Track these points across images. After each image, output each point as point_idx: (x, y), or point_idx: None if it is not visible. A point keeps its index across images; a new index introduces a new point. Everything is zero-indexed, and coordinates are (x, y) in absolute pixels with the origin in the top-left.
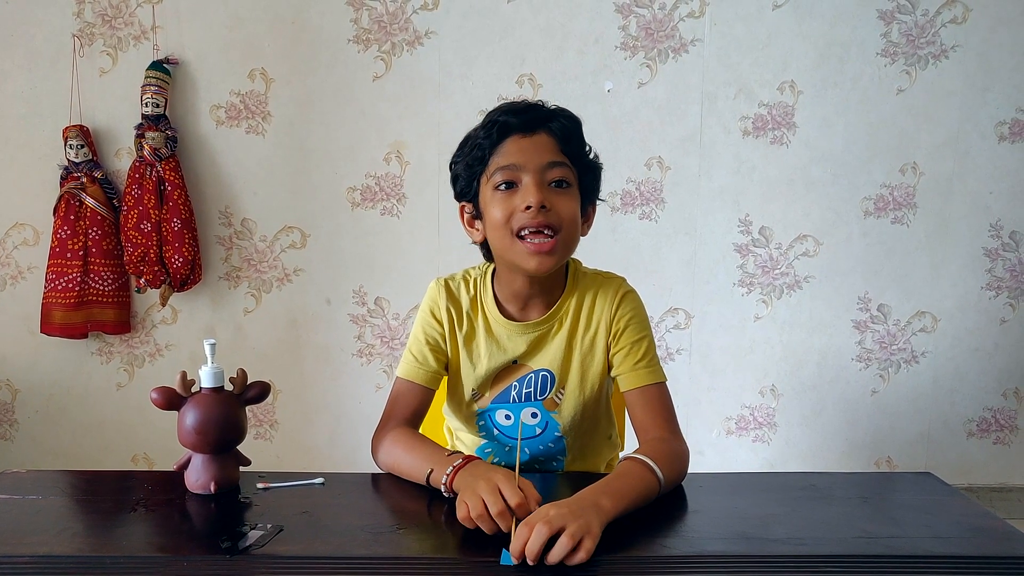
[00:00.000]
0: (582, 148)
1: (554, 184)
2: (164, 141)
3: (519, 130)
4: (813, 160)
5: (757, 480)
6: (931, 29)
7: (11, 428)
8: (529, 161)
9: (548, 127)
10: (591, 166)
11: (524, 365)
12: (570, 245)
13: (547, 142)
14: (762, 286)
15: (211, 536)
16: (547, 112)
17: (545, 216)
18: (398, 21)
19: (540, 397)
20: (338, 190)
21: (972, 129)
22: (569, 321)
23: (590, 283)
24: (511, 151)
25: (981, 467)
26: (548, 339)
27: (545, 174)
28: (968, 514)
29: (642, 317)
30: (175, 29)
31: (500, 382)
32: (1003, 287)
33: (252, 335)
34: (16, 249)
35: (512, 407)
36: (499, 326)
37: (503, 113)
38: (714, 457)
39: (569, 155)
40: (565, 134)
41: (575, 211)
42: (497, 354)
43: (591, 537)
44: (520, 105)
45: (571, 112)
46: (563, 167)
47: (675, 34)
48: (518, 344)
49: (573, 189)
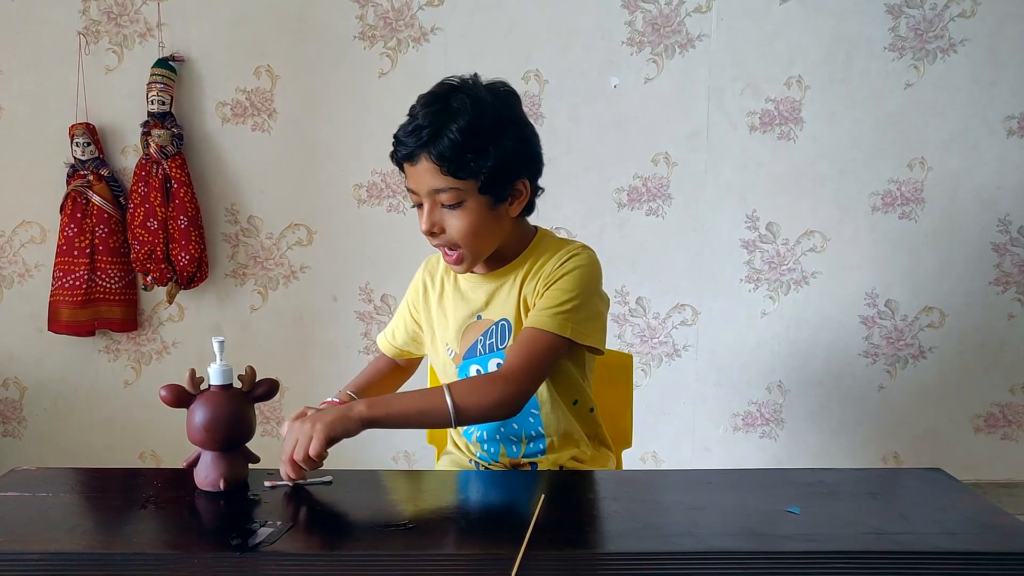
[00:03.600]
0: (472, 158)
1: (445, 206)
2: (170, 139)
3: (404, 160)
4: (820, 155)
5: (765, 476)
6: (939, 23)
7: (19, 425)
8: (419, 187)
9: (428, 152)
10: (491, 168)
11: (487, 320)
12: (479, 250)
13: (429, 169)
14: (769, 282)
15: (221, 533)
16: (428, 135)
17: (439, 239)
18: (404, 17)
19: (501, 346)
20: (344, 187)
21: (980, 124)
22: (523, 273)
23: (550, 244)
24: (408, 176)
25: (988, 463)
26: (504, 290)
27: (434, 198)
28: (978, 510)
29: (580, 276)
30: (180, 26)
31: (468, 338)
32: (1011, 282)
33: (259, 332)
34: (23, 247)
35: (480, 359)
36: (464, 280)
37: (396, 136)
38: (721, 454)
39: (455, 173)
40: (445, 157)
41: (470, 224)
42: (462, 306)
43: (315, 442)
44: (406, 128)
45: (462, 111)
46: (448, 191)
47: (681, 29)
48: (479, 295)
49: (467, 203)
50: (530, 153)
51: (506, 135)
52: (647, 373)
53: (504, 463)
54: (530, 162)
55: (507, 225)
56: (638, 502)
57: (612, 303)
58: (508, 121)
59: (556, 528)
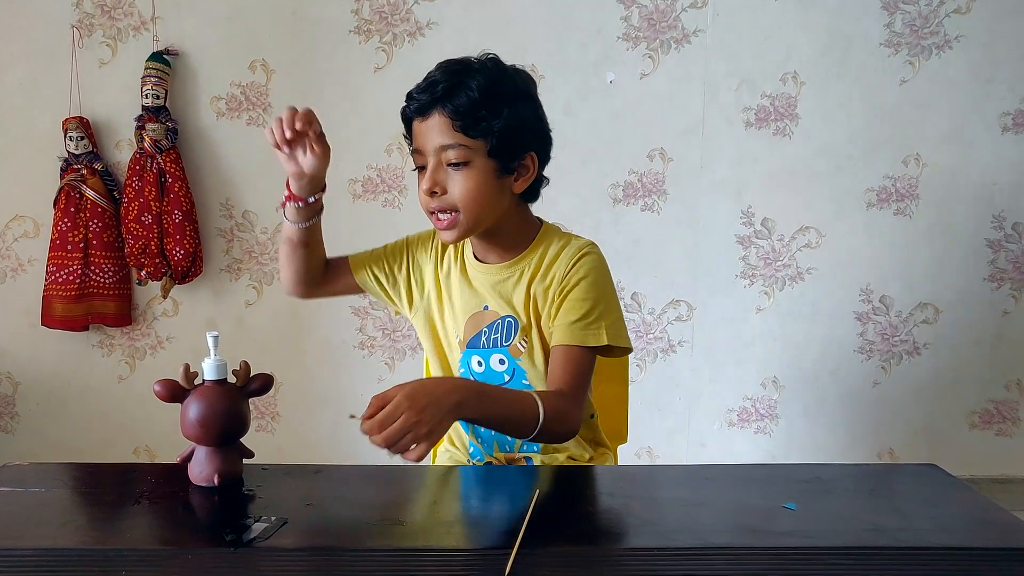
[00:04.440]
0: (487, 116)
1: (451, 165)
2: (164, 133)
3: (416, 114)
4: (816, 151)
5: (762, 472)
6: (935, 19)
7: (12, 421)
8: (425, 144)
9: (442, 106)
10: (503, 130)
11: (493, 311)
12: (477, 218)
13: (440, 123)
14: (764, 278)
15: (215, 529)
16: (444, 89)
17: (439, 201)
18: (399, 12)
19: (505, 343)
20: (339, 182)
21: (976, 120)
22: (531, 270)
23: (556, 239)
24: (415, 135)
25: (983, 459)
26: (513, 285)
27: (440, 156)
28: (973, 506)
29: (596, 279)
30: (175, 20)
31: (472, 328)
32: (1006, 278)
33: (253, 327)
34: (16, 241)
35: (482, 352)
36: (473, 268)
37: (409, 94)
38: (716, 449)
39: (467, 130)
40: (460, 111)
41: (474, 187)
42: (469, 295)
43: (427, 442)
44: (421, 85)
45: (483, 72)
46: (457, 148)
47: (677, 25)
48: (485, 284)
49: (474, 164)
50: (544, 130)
51: (522, 104)
52: (642, 369)
53: (499, 458)
54: (542, 138)
55: (509, 202)
56: (634, 498)
57: None
58: (525, 94)
59: (551, 524)
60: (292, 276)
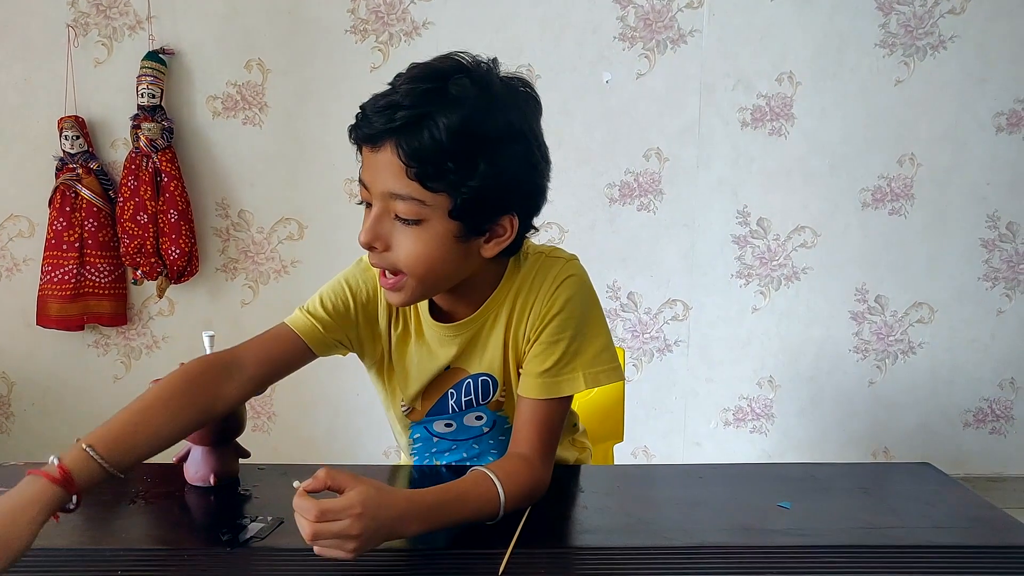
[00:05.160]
0: (453, 169)
1: (398, 217)
2: (160, 132)
3: (364, 142)
4: (811, 151)
5: (756, 471)
6: (929, 20)
7: (7, 421)
8: (372, 183)
9: (397, 142)
10: (473, 190)
11: (459, 369)
12: (426, 284)
13: (392, 164)
14: (760, 277)
15: (211, 529)
16: (403, 119)
17: (378, 258)
18: (395, 11)
19: (483, 402)
20: (335, 182)
21: (970, 120)
22: (505, 313)
23: (531, 267)
24: (364, 163)
25: (977, 457)
26: (482, 339)
27: (388, 204)
28: (966, 504)
29: (573, 310)
30: (170, 19)
31: (434, 391)
32: (1000, 278)
33: (249, 327)
34: (11, 241)
35: (454, 416)
36: (429, 328)
37: (364, 106)
38: (712, 448)
39: (424, 180)
40: (418, 156)
41: (425, 252)
42: (428, 361)
43: (346, 555)
44: (378, 102)
45: (460, 106)
46: (408, 201)
47: (673, 25)
48: (449, 348)
49: (429, 224)
50: (532, 186)
51: (508, 152)
52: (638, 368)
53: None
54: (528, 197)
55: (475, 264)
56: (629, 497)
57: (603, 298)
58: (517, 134)
59: (547, 523)
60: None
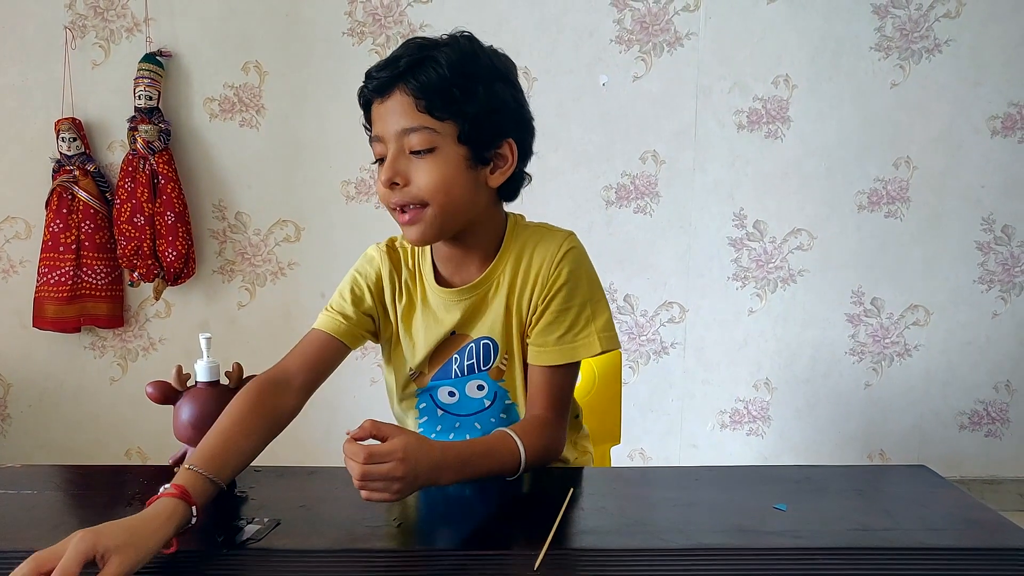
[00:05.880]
0: (458, 95)
1: (414, 152)
2: (157, 134)
3: (374, 94)
4: (807, 154)
5: (753, 473)
6: (924, 24)
7: (4, 423)
8: (385, 130)
9: (404, 83)
10: (476, 112)
11: (463, 335)
12: (447, 213)
13: (403, 104)
14: (756, 280)
15: (207, 530)
16: (408, 63)
17: (400, 194)
18: (392, 14)
19: (484, 368)
20: (332, 184)
21: (965, 123)
22: (507, 281)
23: (530, 236)
24: (374, 120)
25: (973, 460)
26: (486, 304)
27: (402, 142)
28: (961, 506)
29: (579, 280)
30: (168, 21)
31: (439, 357)
32: (995, 281)
33: (246, 329)
34: (8, 243)
35: (455, 382)
36: (434, 295)
37: (367, 72)
38: (708, 450)
39: (433, 110)
40: (426, 88)
41: (440, 177)
42: (434, 327)
43: (391, 497)
44: (381, 63)
45: (454, 47)
46: (421, 131)
47: (670, 28)
48: (454, 313)
49: (442, 151)
50: (524, 117)
51: (498, 85)
52: (635, 370)
53: None
54: (522, 125)
55: (485, 199)
56: (626, 498)
57: None
58: (504, 75)
59: (543, 525)
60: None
